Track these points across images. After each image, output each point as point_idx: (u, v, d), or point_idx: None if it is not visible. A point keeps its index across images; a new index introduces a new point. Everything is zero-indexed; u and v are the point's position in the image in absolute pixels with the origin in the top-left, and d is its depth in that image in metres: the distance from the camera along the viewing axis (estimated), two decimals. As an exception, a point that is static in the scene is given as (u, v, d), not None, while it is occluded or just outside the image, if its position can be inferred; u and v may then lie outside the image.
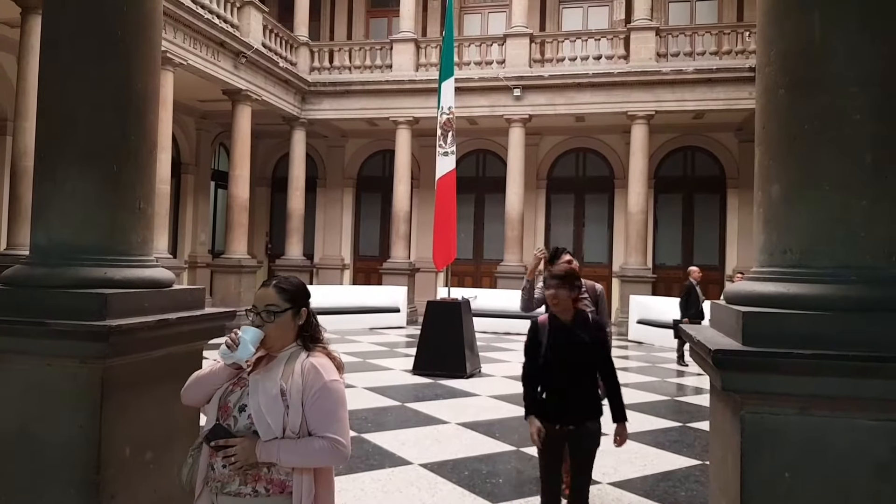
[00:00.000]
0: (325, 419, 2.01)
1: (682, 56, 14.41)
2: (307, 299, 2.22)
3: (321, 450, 1.99)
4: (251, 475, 1.99)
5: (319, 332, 2.20)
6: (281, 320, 2.11)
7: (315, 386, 2.02)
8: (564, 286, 3.24)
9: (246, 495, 1.99)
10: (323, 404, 2.02)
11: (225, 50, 12.97)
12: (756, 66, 2.45)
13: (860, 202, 2.08)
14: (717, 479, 2.46)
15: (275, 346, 2.13)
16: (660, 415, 6.87)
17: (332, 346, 2.24)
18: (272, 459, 1.97)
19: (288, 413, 2.00)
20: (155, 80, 3.22)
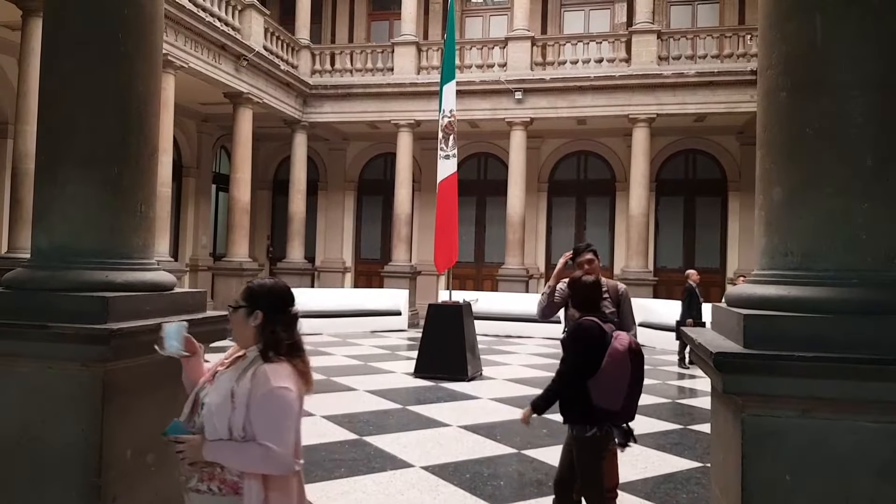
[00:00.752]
0: (265, 426, 1.98)
1: (684, 59, 14.42)
2: (267, 304, 2.15)
3: (257, 457, 1.97)
4: (206, 473, 2.03)
5: (282, 346, 2.09)
6: (235, 317, 2.16)
7: (260, 391, 2.00)
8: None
9: (204, 492, 2.04)
10: (264, 411, 2.00)
11: (226, 53, 12.99)
12: (758, 69, 2.45)
13: (861, 205, 2.08)
14: (719, 481, 2.45)
15: (238, 342, 2.19)
16: (661, 417, 6.86)
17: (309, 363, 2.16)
18: (216, 460, 2.00)
19: (234, 415, 2.01)
20: (156, 82, 3.23)
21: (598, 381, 3.22)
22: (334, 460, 5.16)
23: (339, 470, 4.92)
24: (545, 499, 4.35)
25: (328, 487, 4.53)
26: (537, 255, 16.96)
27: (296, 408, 2.04)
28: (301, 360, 2.12)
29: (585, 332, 3.31)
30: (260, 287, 2.19)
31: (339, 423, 6.30)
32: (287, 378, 2.04)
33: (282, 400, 2.01)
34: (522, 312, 13.56)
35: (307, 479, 4.57)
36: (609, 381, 3.22)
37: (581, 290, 3.47)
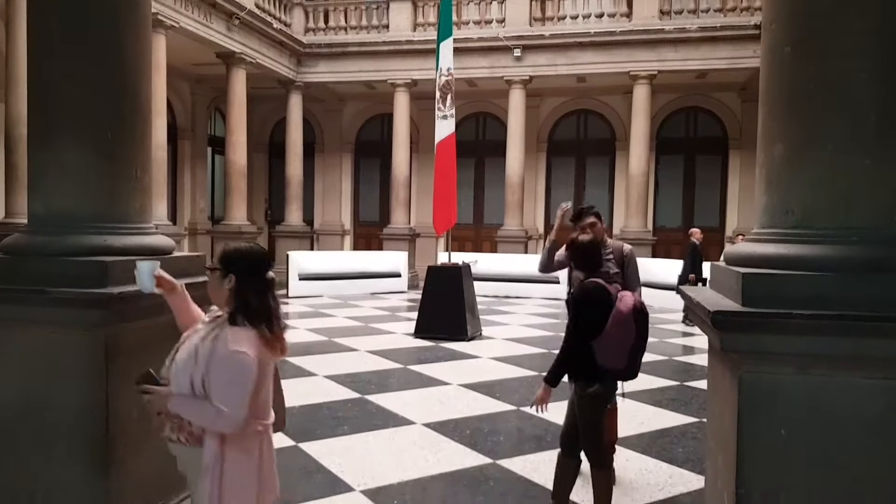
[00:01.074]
0: (218, 387, 2.05)
1: (686, 14, 14.17)
2: (240, 268, 2.17)
3: (210, 415, 2.04)
4: (176, 424, 2.13)
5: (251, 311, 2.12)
6: (211, 279, 2.22)
7: (219, 353, 2.07)
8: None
9: (174, 441, 2.15)
10: (219, 372, 2.06)
11: (217, 11, 12.74)
12: (761, 24, 2.40)
13: (863, 162, 2.06)
14: (715, 436, 2.49)
15: (214, 302, 2.25)
16: (658, 374, 6.94)
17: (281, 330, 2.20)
18: (178, 413, 2.09)
19: (195, 372, 2.08)
20: (146, 42, 3.17)
21: (602, 342, 3.23)
22: (337, 418, 5.24)
23: (342, 427, 5.00)
24: (544, 453, 4.44)
25: (332, 444, 4.61)
26: (536, 216, 16.93)
27: (250, 372, 2.07)
28: (268, 326, 2.13)
29: (588, 294, 3.31)
30: (234, 251, 2.21)
31: (342, 382, 6.37)
32: (246, 343, 2.08)
33: (236, 364, 2.05)
34: (521, 273, 13.62)
35: (311, 437, 4.68)
36: (613, 342, 3.24)
37: (580, 250, 3.45)
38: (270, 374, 2.23)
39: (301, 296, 13.08)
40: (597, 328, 3.23)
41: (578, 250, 3.46)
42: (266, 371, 2.17)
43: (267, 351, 2.13)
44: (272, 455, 2.24)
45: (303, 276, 13.39)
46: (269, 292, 2.20)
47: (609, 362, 3.26)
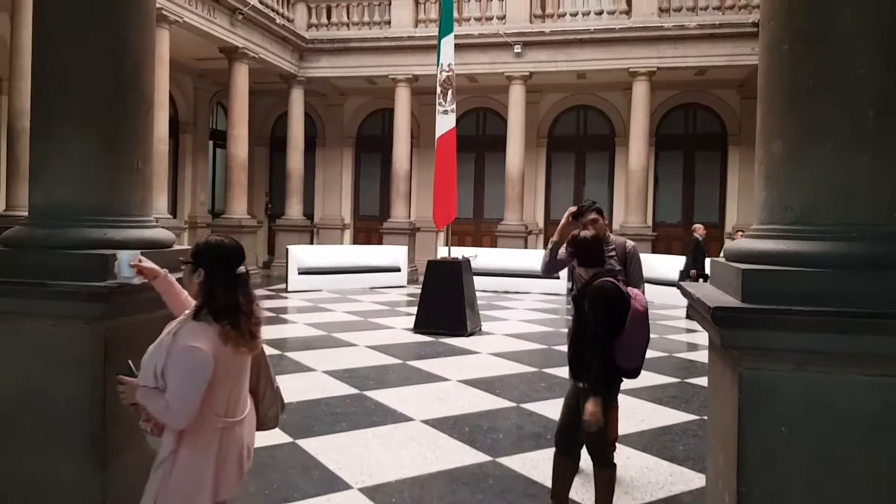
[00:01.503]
0: (170, 381, 2.06)
1: (685, 11, 14.16)
2: (209, 262, 2.16)
3: (161, 408, 2.06)
4: (145, 414, 2.15)
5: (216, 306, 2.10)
6: (184, 272, 2.24)
7: (176, 346, 2.08)
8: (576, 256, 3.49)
9: (145, 431, 2.18)
10: (172, 367, 2.07)
11: (221, 6, 12.73)
12: (760, 21, 2.40)
13: (862, 158, 2.06)
14: (715, 433, 2.50)
15: (189, 295, 2.28)
16: (658, 370, 6.95)
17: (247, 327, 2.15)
18: (141, 403, 2.10)
19: (158, 363, 2.10)
20: (150, 36, 3.17)
21: (623, 341, 3.20)
22: (335, 414, 5.24)
23: (340, 424, 5.00)
24: (543, 451, 4.44)
25: (329, 441, 4.62)
26: (536, 211, 16.93)
27: (202, 369, 2.05)
28: (233, 323, 2.10)
29: (608, 294, 3.21)
30: (205, 245, 2.22)
31: (340, 377, 6.38)
32: (203, 338, 2.06)
33: (188, 359, 2.05)
34: (521, 268, 13.63)
35: (309, 433, 4.69)
36: (632, 341, 3.23)
37: (582, 245, 3.39)
38: (238, 372, 2.19)
39: (300, 290, 13.08)
40: (618, 328, 3.21)
41: (581, 246, 3.39)
42: (229, 368, 2.13)
43: (229, 348, 2.09)
44: (235, 452, 2.19)
45: (302, 270, 13.39)
46: (237, 288, 2.16)
47: (627, 362, 3.26)
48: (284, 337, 8.63)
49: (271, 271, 16.22)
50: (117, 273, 2.56)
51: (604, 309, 3.21)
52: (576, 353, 3.37)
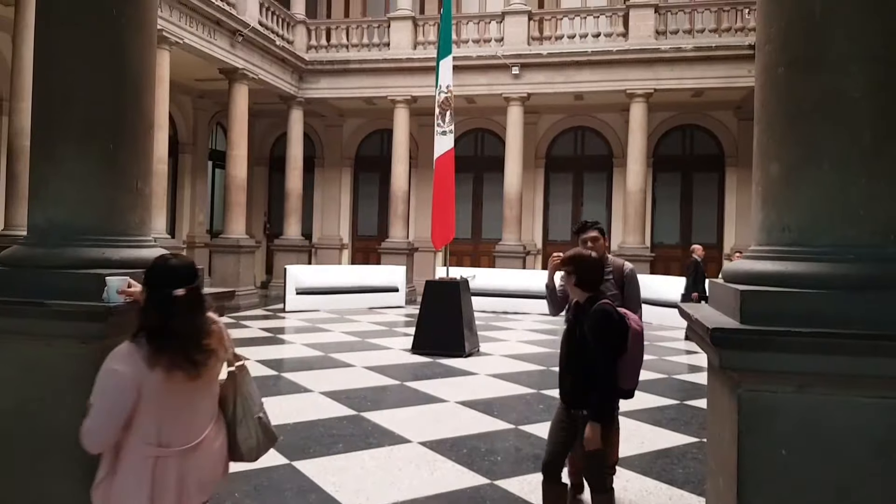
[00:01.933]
0: (91, 401, 2.02)
1: (682, 33, 14.31)
2: (148, 281, 2.12)
3: (82, 430, 2.02)
4: None
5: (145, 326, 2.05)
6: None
7: (102, 367, 2.05)
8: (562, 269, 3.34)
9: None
10: (95, 387, 2.04)
11: (221, 28, 12.84)
12: (756, 44, 2.43)
13: (859, 180, 2.07)
14: (714, 456, 2.48)
15: None
16: (657, 392, 6.92)
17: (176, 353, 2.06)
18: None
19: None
20: (151, 57, 3.19)
21: (625, 362, 3.20)
22: (332, 436, 5.21)
23: (336, 445, 4.96)
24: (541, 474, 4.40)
25: (326, 463, 4.58)
26: (534, 232, 16.97)
27: (113, 392, 2.00)
28: (162, 347, 2.01)
29: (611, 318, 3.17)
30: (152, 263, 2.18)
31: (337, 398, 6.34)
32: (125, 361, 2.01)
33: (103, 381, 2.02)
34: (519, 289, 13.61)
35: (306, 455, 4.65)
36: (632, 361, 3.23)
37: (583, 265, 3.27)
38: (174, 400, 2.07)
39: (298, 310, 13.05)
40: (621, 350, 3.20)
41: (582, 265, 3.28)
42: (160, 395, 2.03)
43: (158, 373, 2.00)
44: (173, 484, 2.07)
45: (300, 290, 13.37)
46: (173, 309, 2.05)
47: (627, 383, 3.25)
48: (282, 357, 8.59)
49: (269, 291, 16.19)
50: (105, 299, 2.58)
51: (610, 332, 3.15)
52: (576, 381, 3.22)
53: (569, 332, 3.34)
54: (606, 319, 3.16)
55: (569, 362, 3.29)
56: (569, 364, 3.29)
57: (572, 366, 3.26)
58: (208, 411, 2.19)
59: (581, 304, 3.28)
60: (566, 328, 3.41)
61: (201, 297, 2.16)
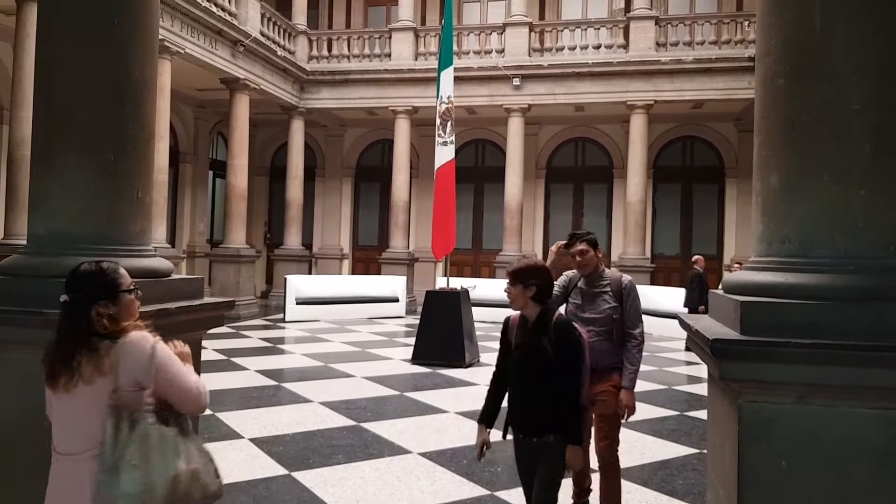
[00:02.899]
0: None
1: (682, 45, 14.37)
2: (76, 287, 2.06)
3: None
4: None
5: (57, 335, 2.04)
6: None
7: None
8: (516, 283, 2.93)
9: None
10: None
11: (223, 38, 12.90)
12: (755, 56, 2.44)
13: (859, 192, 2.08)
14: (715, 467, 2.47)
15: None
16: (658, 403, 6.90)
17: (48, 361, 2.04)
18: None
19: None
20: (152, 67, 3.21)
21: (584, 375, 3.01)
22: (332, 446, 5.19)
23: (336, 456, 4.94)
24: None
25: (326, 474, 4.56)
26: (535, 242, 16.97)
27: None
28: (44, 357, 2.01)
29: (574, 330, 2.98)
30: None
31: (337, 409, 6.32)
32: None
33: None
34: (520, 299, 13.55)
35: (305, 466, 4.63)
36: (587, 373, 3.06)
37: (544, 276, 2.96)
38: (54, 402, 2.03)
39: (298, 320, 13.03)
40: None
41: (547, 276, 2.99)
42: (51, 400, 2.04)
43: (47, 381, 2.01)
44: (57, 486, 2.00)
45: (300, 300, 13.35)
46: (64, 316, 2.04)
47: (585, 396, 3.07)
48: (281, 367, 8.57)
49: (269, 301, 16.17)
50: None
51: (578, 346, 2.92)
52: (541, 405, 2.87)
53: (526, 353, 2.95)
54: (572, 332, 2.94)
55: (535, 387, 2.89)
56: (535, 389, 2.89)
57: (538, 390, 2.88)
58: (86, 432, 1.97)
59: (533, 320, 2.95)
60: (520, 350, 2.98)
61: (81, 310, 2.01)
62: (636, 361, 3.63)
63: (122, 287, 2.09)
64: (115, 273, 2.10)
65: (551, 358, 2.84)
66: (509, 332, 3.09)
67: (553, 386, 2.84)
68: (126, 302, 2.10)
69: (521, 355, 2.98)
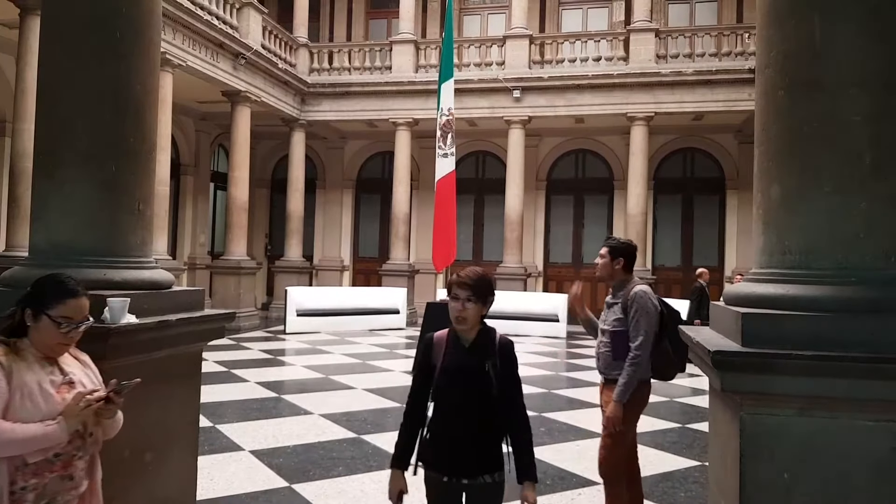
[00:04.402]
0: None
1: (682, 57, 14.43)
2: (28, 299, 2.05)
3: None
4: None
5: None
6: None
7: None
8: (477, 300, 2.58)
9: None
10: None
11: (224, 51, 12.97)
12: (756, 68, 2.45)
13: (860, 203, 2.08)
14: (716, 479, 2.45)
15: None
16: (659, 416, 6.86)
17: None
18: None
19: None
20: (154, 80, 3.22)
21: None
22: (332, 459, 5.16)
23: (336, 468, 4.92)
24: (543, 497, 4.36)
25: (326, 486, 4.53)
26: (535, 254, 16.97)
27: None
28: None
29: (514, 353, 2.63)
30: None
31: (338, 421, 6.30)
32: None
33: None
34: (521, 311, 13.57)
35: (306, 478, 4.61)
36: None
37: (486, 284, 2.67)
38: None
39: (299, 332, 13.01)
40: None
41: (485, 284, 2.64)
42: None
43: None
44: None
45: (301, 312, 13.33)
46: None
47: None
48: (282, 379, 8.55)
49: (270, 313, 16.16)
50: (106, 319, 2.61)
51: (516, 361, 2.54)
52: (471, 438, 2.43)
53: (461, 379, 2.47)
54: (512, 348, 2.56)
55: (468, 419, 2.43)
56: (468, 421, 2.43)
57: (471, 422, 2.43)
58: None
59: (471, 341, 2.57)
60: (451, 375, 2.49)
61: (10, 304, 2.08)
62: (626, 375, 3.52)
63: (47, 308, 2.02)
64: (52, 293, 2.05)
65: (494, 384, 2.41)
66: (433, 354, 2.58)
67: (492, 417, 2.42)
68: (43, 324, 2.02)
69: (452, 382, 2.46)
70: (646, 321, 3.54)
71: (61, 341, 2.05)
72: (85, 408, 1.98)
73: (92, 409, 2.00)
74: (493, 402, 2.42)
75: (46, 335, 2.03)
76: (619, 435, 3.59)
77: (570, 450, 5.55)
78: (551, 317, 13.65)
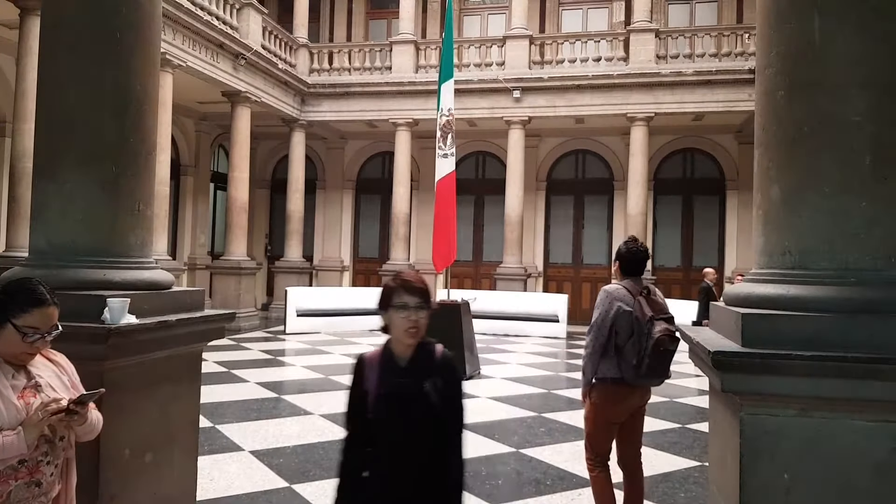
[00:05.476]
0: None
1: (682, 58, 14.43)
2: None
3: None
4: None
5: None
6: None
7: None
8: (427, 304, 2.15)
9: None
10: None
11: (224, 51, 12.97)
12: (756, 69, 2.45)
13: (860, 204, 2.08)
14: (716, 480, 2.46)
15: None
16: (659, 416, 6.86)
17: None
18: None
19: None
20: (154, 81, 3.22)
21: None
22: (332, 459, 5.15)
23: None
24: (543, 497, 4.36)
25: (326, 486, 4.53)
26: (535, 254, 16.96)
27: None
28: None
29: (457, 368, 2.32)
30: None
31: (337, 421, 6.29)
32: None
33: None
34: (520, 311, 13.58)
35: (306, 478, 4.61)
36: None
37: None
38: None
39: (299, 332, 13.01)
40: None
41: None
42: None
43: None
44: None
45: (301, 312, 13.33)
46: None
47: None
48: (282, 380, 8.55)
49: (270, 313, 16.15)
50: (106, 320, 2.61)
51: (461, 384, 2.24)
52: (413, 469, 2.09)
53: (398, 404, 2.11)
54: (457, 367, 2.23)
55: (411, 448, 2.09)
56: (411, 451, 2.09)
57: (414, 452, 2.09)
58: None
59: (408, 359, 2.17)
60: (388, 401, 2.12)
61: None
62: (583, 371, 3.62)
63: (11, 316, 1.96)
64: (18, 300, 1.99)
65: (436, 406, 2.08)
66: (365, 378, 2.20)
67: (438, 443, 2.09)
68: (7, 332, 1.96)
69: (388, 411, 2.11)
70: (597, 315, 3.65)
71: (26, 350, 1.99)
72: (42, 419, 1.91)
73: (52, 420, 1.93)
74: (435, 428, 2.08)
75: (10, 344, 1.96)
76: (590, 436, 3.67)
77: (570, 450, 5.55)
78: (551, 317, 13.65)
